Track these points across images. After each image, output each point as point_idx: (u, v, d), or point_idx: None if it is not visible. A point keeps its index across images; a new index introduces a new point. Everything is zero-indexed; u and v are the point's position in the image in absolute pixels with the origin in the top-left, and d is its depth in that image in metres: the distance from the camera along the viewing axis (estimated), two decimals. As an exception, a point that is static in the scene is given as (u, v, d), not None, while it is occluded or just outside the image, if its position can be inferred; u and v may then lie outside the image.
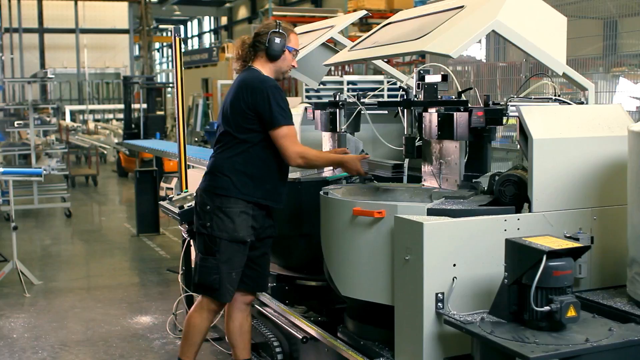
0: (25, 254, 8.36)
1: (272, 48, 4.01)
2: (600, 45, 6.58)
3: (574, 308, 2.60)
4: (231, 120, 3.97)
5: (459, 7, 3.59)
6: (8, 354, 5.36)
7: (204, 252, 4.02)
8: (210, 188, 4.00)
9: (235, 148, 3.96)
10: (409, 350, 3.10)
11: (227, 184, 3.95)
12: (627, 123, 3.27)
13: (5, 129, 14.41)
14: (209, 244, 3.99)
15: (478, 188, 3.57)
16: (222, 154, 4.01)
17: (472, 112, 3.50)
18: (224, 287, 4.00)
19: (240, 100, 3.93)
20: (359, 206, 3.35)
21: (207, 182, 4.03)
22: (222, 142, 4.02)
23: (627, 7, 6.32)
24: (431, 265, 2.96)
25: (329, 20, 5.35)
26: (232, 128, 3.96)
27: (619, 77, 6.74)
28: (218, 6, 38.45)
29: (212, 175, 4.01)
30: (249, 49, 4.08)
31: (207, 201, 3.98)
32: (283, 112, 3.88)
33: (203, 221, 3.99)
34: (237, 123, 3.95)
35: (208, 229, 3.97)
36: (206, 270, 4.00)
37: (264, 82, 3.96)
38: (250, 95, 3.90)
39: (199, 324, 4.13)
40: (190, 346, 4.17)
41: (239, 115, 3.93)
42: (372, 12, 16.81)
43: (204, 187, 4.03)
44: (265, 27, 4.08)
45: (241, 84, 3.98)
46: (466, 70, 8.54)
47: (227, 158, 3.98)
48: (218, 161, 4.01)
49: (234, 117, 3.95)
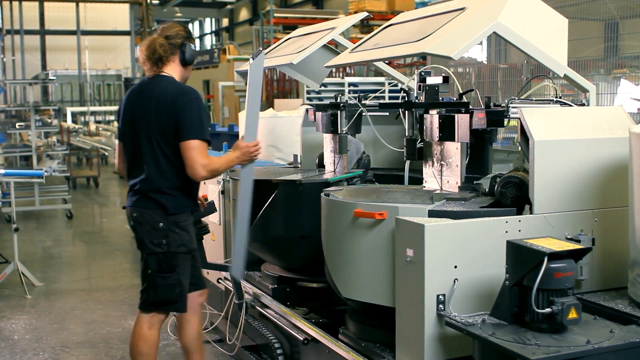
0: (27, 256, 8.37)
1: (189, 54, 4.00)
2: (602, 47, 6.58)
3: (575, 310, 2.60)
4: (160, 135, 3.86)
5: (460, 8, 3.59)
6: (9, 356, 5.36)
7: (160, 271, 3.91)
8: (160, 207, 3.90)
9: (167, 163, 3.89)
10: (410, 352, 3.10)
11: (177, 202, 3.92)
12: (628, 125, 3.26)
13: (7, 130, 14.43)
14: (165, 261, 3.91)
15: (479, 190, 3.57)
16: (157, 171, 3.90)
17: (473, 113, 3.50)
18: (185, 298, 3.99)
19: (169, 115, 3.83)
20: (360, 208, 3.35)
21: (153, 201, 3.90)
22: (149, 159, 3.89)
23: (628, 9, 6.33)
24: (432, 267, 2.96)
25: (330, 22, 5.35)
26: (161, 142, 3.87)
27: (620, 79, 6.75)
28: (219, 8, 38.50)
29: (159, 194, 3.89)
30: (170, 49, 3.96)
31: (159, 219, 3.89)
32: (201, 124, 3.85)
33: (158, 240, 3.89)
34: (164, 139, 3.86)
35: (164, 247, 3.89)
36: (168, 288, 3.92)
37: (190, 92, 3.93)
38: (173, 106, 3.83)
39: (156, 339, 4.04)
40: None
41: (168, 129, 3.85)
42: (373, 13, 16.85)
43: (150, 206, 3.90)
44: (178, 31, 4.01)
45: (166, 97, 3.87)
46: (467, 71, 8.55)
47: (168, 177, 3.90)
48: (158, 180, 3.89)
49: (162, 131, 3.86)
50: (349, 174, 4.42)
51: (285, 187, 4.37)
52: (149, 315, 4.01)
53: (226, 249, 5.43)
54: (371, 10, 16.69)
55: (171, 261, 3.91)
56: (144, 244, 3.93)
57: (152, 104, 3.89)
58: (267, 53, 5.60)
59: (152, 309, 4.01)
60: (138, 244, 4.00)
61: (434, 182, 3.84)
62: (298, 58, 4.68)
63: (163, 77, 3.97)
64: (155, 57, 3.94)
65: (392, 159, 4.97)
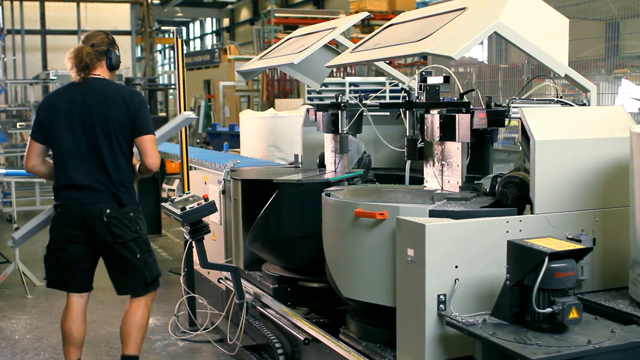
0: (27, 255, 8.36)
1: (115, 60, 4.42)
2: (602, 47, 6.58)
3: (576, 310, 2.60)
4: (120, 131, 4.23)
5: (460, 8, 3.59)
6: (10, 355, 5.37)
7: (142, 252, 4.35)
8: (126, 201, 4.28)
9: (124, 158, 4.30)
10: (411, 351, 3.10)
11: (132, 195, 4.36)
12: (629, 124, 3.26)
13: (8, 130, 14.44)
14: (142, 245, 4.35)
15: (480, 190, 3.57)
16: (117, 167, 4.26)
17: (474, 113, 3.50)
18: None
19: (128, 112, 4.24)
20: (361, 208, 3.35)
21: (118, 196, 4.25)
22: (108, 155, 4.23)
23: (629, 9, 6.33)
24: (433, 267, 2.96)
25: (330, 22, 5.36)
26: (120, 138, 4.24)
27: (621, 79, 6.75)
28: (220, 8, 38.49)
29: (122, 189, 4.27)
30: (96, 57, 4.34)
31: (129, 210, 4.30)
32: (151, 121, 4.38)
33: (134, 228, 4.30)
34: (124, 135, 4.25)
35: (139, 232, 4.34)
36: (154, 265, 4.45)
37: (138, 92, 4.52)
38: (132, 105, 4.25)
39: (149, 315, 4.53)
40: (141, 338, 4.48)
41: (127, 126, 4.25)
42: (374, 13, 16.84)
43: (116, 201, 4.25)
44: (103, 38, 4.42)
45: (123, 96, 4.28)
46: (468, 71, 8.55)
47: (126, 172, 4.32)
48: (118, 176, 4.26)
49: (119, 128, 4.23)
50: (350, 174, 4.42)
51: (286, 187, 4.37)
52: (144, 297, 4.43)
53: (227, 248, 5.43)
54: (372, 10, 16.69)
55: (145, 245, 4.39)
56: (121, 235, 4.26)
57: (108, 102, 4.25)
58: (268, 53, 5.61)
59: (150, 289, 4.45)
60: (114, 236, 4.25)
61: (434, 182, 3.85)
62: (299, 58, 4.68)
63: (100, 79, 4.35)
64: (82, 65, 4.29)
65: (393, 159, 4.97)
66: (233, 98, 17.55)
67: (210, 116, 19.35)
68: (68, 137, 4.24)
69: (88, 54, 4.30)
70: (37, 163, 4.39)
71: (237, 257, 5.13)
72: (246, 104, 17.69)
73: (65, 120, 4.25)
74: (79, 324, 4.42)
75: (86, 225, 4.25)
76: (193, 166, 6.22)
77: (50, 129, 4.29)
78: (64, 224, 4.30)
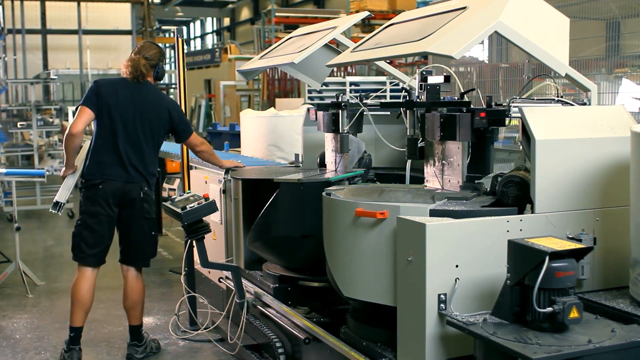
0: (28, 255, 8.37)
1: (161, 72, 5.12)
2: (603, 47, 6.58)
3: (577, 309, 2.60)
4: (149, 130, 4.95)
5: (461, 8, 3.59)
6: (11, 355, 5.37)
7: (154, 231, 5.10)
8: (152, 185, 5.03)
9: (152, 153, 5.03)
10: (412, 351, 3.10)
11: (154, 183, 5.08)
12: (629, 124, 3.27)
13: (8, 129, 14.44)
14: (153, 224, 5.07)
15: (480, 189, 3.57)
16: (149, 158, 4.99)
17: (475, 113, 3.50)
18: None
19: (165, 117, 5.00)
20: (362, 207, 3.35)
21: (150, 179, 4.98)
22: (148, 146, 4.97)
23: (630, 8, 6.33)
24: (433, 266, 2.96)
25: (331, 21, 5.36)
26: (149, 136, 4.96)
27: (622, 78, 6.75)
28: (220, 7, 38.49)
29: (151, 173, 5.00)
30: (149, 68, 4.99)
31: (153, 194, 5.04)
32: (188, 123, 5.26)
33: (154, 208, 5.06)
34: (158, 134, 5.02)
35: (152, 213, 5.04)
36: (156, 244, 5.18)
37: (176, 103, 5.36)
38: (172, 109, 5.06)
39: (144, 287, 5.18)
40: (142, 308, 5.17)
41: (159, 128, 5.01)
42: (375, 13, 16.83)
43: (149, 183, 4.97)
44: (155, 53, 5.06)
45: (164, 102, 5.09)
46: (469, 71, 8.55)
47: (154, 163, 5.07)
48: (149, 165, 5.00)
49: (155, 128, 4.98)
50: (350, 174, 4.42)
51: (287, 186, 4.37)
52: (137, 269, 5.09)
53: (227, 248, 5.43)
54: (372, 10, 16.67)
55: (154, 224, 5.15)
56: (149, 212, 4.99)
57: (154, 105, 5.01)
58: (269, 52, 5.61)
59: (147, 263, 5.16)
60: (144, 211, 4.96)
61: (435, 182, 3.84)
62: (299, 57, 4.68)
63: (150, 85, 5.07)
64: (137, 74, 4.94)
65: (393, 159, 4.97)
66: (233, 97, 17.55)
67: (211, 115, 19.36)
68: (119, 120, 4.87)
69: (144, 66, 4.95)
70: (82, 130, 4.91)
71: (238, 256, 5.13)
72: (247, 103, 17.70)
73: (119, 105, 4.90)
74: (91, 293, 5.01)
75: (124, 200, 4.90)
76: (193, 165, 6.22)
77: (106, 106, 4.88)
78: (105, 198, 4.88)
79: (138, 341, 5.13)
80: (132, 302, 5.08)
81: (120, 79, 5.02)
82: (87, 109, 4.87)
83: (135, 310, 5.10)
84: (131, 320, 5.12)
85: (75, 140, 4.88)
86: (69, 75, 26.93)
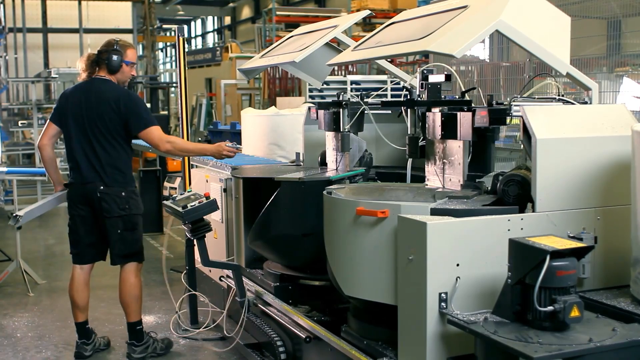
0: (29, 254, 8.38)
1: (111, 64, 5.01)
2: (604, 45, 6.58)
3: (578, 308, 2.60)
4: (108, 123, 4.90)
5: (462, 6, 3.59)
6: (12, 353, 5.38)
7: (125, 229, 4.98)
8: (119, 182, 4.96)
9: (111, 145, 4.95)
10: (413, 350, 3.10)
11: (123, 178, 4.98)
12: (630, 123, 3.26)
13: (9, 128, 14.45)
14: (128, 222, 4.98)
15: (481, 188, 3.57)
16: (108, 154, 4.94)
17: (476, 111, 3.49)
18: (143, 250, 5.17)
19: (112, 106, 4.90)
20: (363, 206, 3.35)
21: (110, 177, 4.93)
22: (101, 144, 4.93)
23: (631, 7, 6.33)
24: (434, 265, 2.96)
25: (332, 20, 5.36)
26: (110, 129, 4.92)
27: (623, 77, 6.75)
28: (222, 6, 38.47)
29: (113, 170, 4.94)
30: (92, 64, 5.04)
31: (121, 190, 4.95)
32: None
33: (122, 205, 4.95)
34: (110, 126, 4.92)
35: (127, 210, 4.96)
36: (133, 242, 5.04)
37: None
38: (121, 100, 4.91)
39: (140, 285, 5.12)
40: (141, 303, 5.17)
41: (112, 120, 4.91)
42: (376, 11, 16.82)
43: (108, 181, 4.92)
44: (106, 46, 5.04)
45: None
46: (470, 70, 8.55)
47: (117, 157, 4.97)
48: (110, 160, 4.94)
49: (106, 120, 4.90)
50: (351, 172, 4.42)
51: (288, 185, 4.37)
52: (131, 269, 5.05)
53: (228, 246, 5.44)
54: (373, 9, 16.66)
55: (133, 221, 5.03)
56: (109, 210, 4.93)
57: (95, 100, 4.99)
58: (270, 51, 5.61)
59: (122, 261, 5.05)
60: (103, 210, 4.93)
61: (436, 180, 3.84)
62: (300, 56, 4.68)
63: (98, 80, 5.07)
64: (88, 71, 5.12)
65: (394, 157, 4.97)
66: (234, 96, 17.55)
67: (212, 114, 19.36)
68: (72, 124, 4.99)
69: (89, 59, 5.13)
70: (45, 143, 5.13)
71: (239, 255, 5.13)
72: (247, 102, 17.70)
73: (70, 109, 5.07)
74: (82, 290, 5.14)
75: (86, 200, 4.96)
76: (194, 164, 6.22)
77: (63, 114, 5.10)
78: (73, 200, 5.05)
79: (136, 340, 5.13)
80: (122, 298, 5.12)
81: (80, 83, 5.16)
82: (50, 122, 5.14)
83: (128, 308, 5.11)
84: (126, 316, 5.16)
85: (42, 153, 5.13)
86: (70, 73, 26.80)
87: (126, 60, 5.05)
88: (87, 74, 5.08)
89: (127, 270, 5.08)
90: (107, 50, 5.01)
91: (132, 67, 5.10)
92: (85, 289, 5.15)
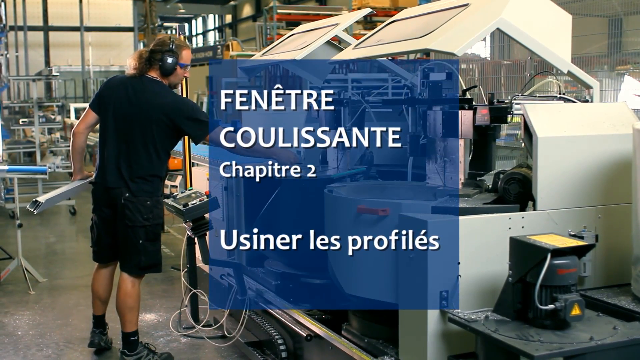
0: (30, 252, 8.38)
1: (165, 67, 4.59)
2: (605, 43, 6.58)
3: (579, 306, 2.60)
4: (155, 132, 4.57)
5: (463, 5, 3.59)
6: (13, 351, 5.38)
7: (147, 239, 4.67)
8: (147, 191, 4.65)
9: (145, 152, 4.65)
10: (413, 348, 3.10)
11: (157, 186, 4.72)
12: (631, 121, 3.26)
13: (10, 126, 14.43)
14: (151, 232, 4.68)
15: (482, 186, 3.57)
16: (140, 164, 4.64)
17: (477, 110, 3.49)
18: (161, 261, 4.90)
19: (160, 114, 4.55)
20: (364, 204, 3.35)
21: (137, 186, 4.62)
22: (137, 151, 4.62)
23: (632, 5, 6.32)
24: (435, 263, 2.96)
25: (333, 18, 5.35)
26: (149, 135, 4.58)
27: (624, 75, 6.74)
28: (222, 4, 38.45)
29: (142, 181, 4.63)
30: (145, 62, 4.61)
31: (147, 199, 4.64)
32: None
33: (146, 214, 4.64)
34: (153, 133, 4.58)
35: (150, 220, 4.65)
36: (154, 253, 4.75)
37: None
38: (170, 108, 4.56)
39: (140, 294, 4.88)
40: (137, 313, 4.89)
41: (155, 127, 4.57)
42: (377, 10, 16.80)
43: (135, 190, 4.61)
44: (160, 45, 4.61)
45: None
46: (471, 68, 8.54)
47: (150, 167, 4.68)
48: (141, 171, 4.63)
49: (149, 126, 4.56)
50: (352, 171, 4.41)
51: (289, 183, 4.36)
52: (129, 277, 4.78)
53: (229, 245, 5.42)
54: (375, 7, 16.66)
55: (155, 231, 4.73)
56: (133, 219, 4.64)
57: (143, 103, 4.62)
58: (271, 49, 5.60)
59: (141, 272, 4.81)
60: (125, 218, 4.65)
61: (437, 179, 3.84)
62: (301, 54, 4.68)
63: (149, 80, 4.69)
64: (138, 68, 4.64)
65: (395, 156, 4.96)
66: (235, 95, 17.51)
67: (213, 112, 19.34)
68: (111, 121, 4.72)
69: (141, 57, 4.68)
70: (82, 130, 4.89)
71: (240, 253, 5.13)
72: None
73: (114, 104, 4.74)
74: (104, 286, 5.06)
75: (110, 203, 4.72)
76: (195, 162, 6.22)
77: (105, 105, 4.78)
78: (97, 201, 4.86)
79: (128, 350, 4.85)
80: (118, 306, 4.84)
81: (127, 77, 4.74)
82: (89, 109, 4.82)
83: (123, 317, 4.83)
84: (121, 325, 4.87)
85: (74, 139, 4.87)
86: (71, 72, 26.92)
87: (181, 63, 4.64)
88: (137, 72, 4.63)
89: (126, 278, 4.80)
90: (162, 50, 4.58)
91: (185, 69, 4.72)
92: (106, 284, 5.03)
